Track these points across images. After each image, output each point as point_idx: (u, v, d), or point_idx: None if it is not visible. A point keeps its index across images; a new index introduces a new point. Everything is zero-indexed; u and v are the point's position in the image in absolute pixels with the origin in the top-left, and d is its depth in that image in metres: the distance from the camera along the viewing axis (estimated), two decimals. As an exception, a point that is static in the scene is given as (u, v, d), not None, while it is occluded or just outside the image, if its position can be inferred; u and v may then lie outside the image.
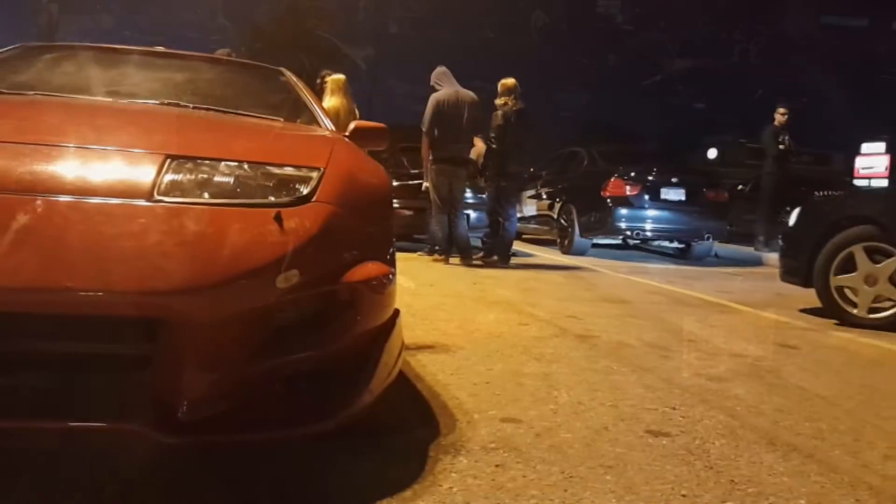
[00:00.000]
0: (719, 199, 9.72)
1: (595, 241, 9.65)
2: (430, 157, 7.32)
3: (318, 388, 1.77)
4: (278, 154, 2.02)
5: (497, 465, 1.85)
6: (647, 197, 9.18)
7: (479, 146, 8.17)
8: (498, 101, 7.57)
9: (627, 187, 9.14)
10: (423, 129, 7.24)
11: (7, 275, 1.41)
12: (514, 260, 7.81)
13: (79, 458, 1.72)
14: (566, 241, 9.59)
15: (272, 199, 1.77)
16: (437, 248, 7.56)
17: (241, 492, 1.65)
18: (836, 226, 4.81)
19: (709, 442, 2.19)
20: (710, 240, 9.61)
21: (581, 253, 9.40)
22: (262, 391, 1.69)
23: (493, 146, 7.47)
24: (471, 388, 2.55)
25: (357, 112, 6.87)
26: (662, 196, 9.24)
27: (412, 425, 2.13)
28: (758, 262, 9.96)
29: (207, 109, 2.79)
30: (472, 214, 8.84)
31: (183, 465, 1.74)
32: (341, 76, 7.00)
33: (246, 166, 1.85)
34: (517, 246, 8.61)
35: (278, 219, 1.68)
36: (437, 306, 4.39)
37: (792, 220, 5.30)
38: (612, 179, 9.17)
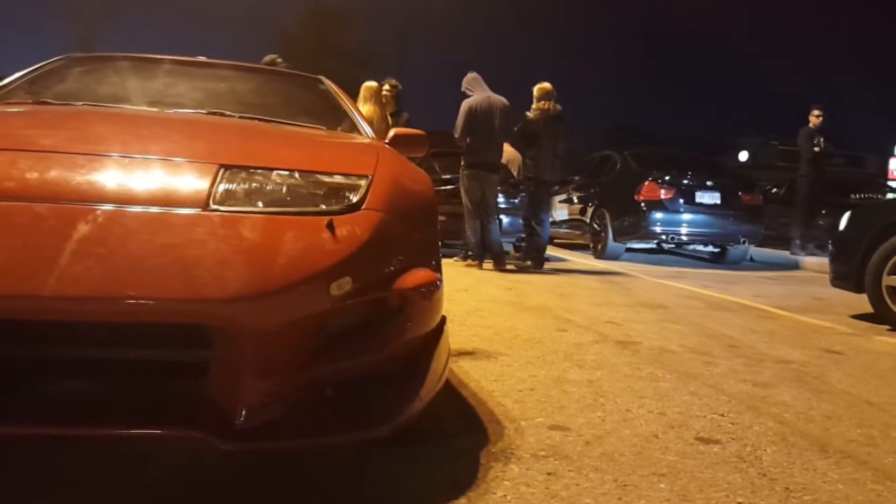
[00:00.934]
0: (755, 202, 9.60)
1: (629, 245, 9.58)
2: (462, 163, 7.33)
3: (369, 394, 1.77)
4: (327, 162, 2.03)
5: (549, 473, 1.84)
6: (681, 200, 9.10)
7: (510, 151, 8.17)
8: (535, 106, 7.54)
9: (662, 191, 9.07)
10: (456, 136, 7.25)
11: (70, 284, 1.43)
12: (547, 265, 7.78)
13: (131, 465, 1.74)
14: (599, 246, 9.54)
15: (323, 207, 1.78)
16: (470, 253, 7.56)
17: (292, 499, 1.66)
18: (889, 228, 4.73)
19: (760, 449, 2.16)
20: (746, 243, 9.50)
21: (614, 257, 9.34)
22: (316, 397, 1.70)
23: (531, 152, 7.42)
24: (515, 394, 2.54)
25: (389, 119, 6.90)
26: (697, 199, 9.16)
27: (460, 432, 2.13)
28: (794, 266, 9.83)
29: (252, 118, 2.82)
30: (505, 219, 8.83)
31: (233, 470, 1.75)
32: (374, 83, 7.04)
33: (297, 175, 1.86)
34: (549, 251, 8.57)
35: (330, 226, 1.69)
36: (473, 312, 4.39)
37: (842, 224, 5.23)
38: (646, 183, 9.11)
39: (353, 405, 1.74)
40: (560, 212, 10.98)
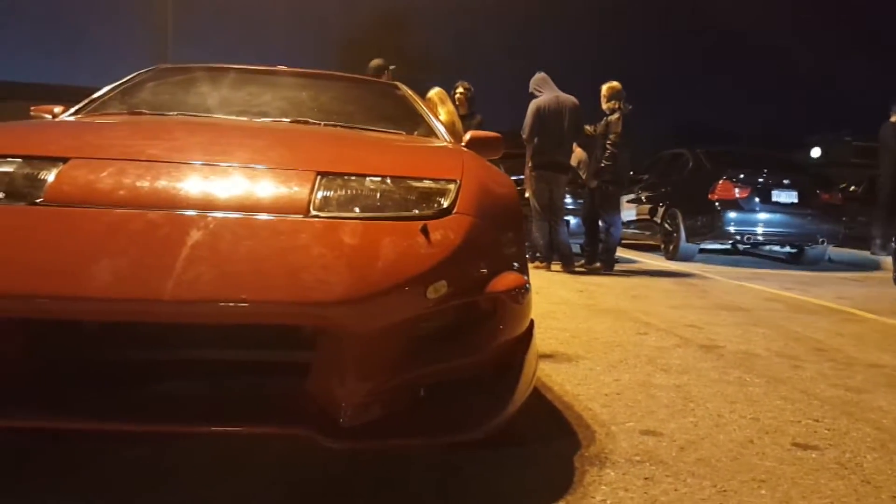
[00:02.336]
0: (833, 200, 9.30)
1: (702, 245, 9.39)
2: (530, 164, 7.29)
3: (464, 397, 1.79)
4: (416, 167, 2.05)
5: (646, 478, 1.83)
6: (757, 199, 8.88)
7: (578, 152, 8.10)
8: (607, 106, 7.45)
9: (737, 190, 8.86)
10: (524, 137, 7.22)
11: (187, 288, 1.49)
12: (617, 266, 7.68)
13: (236, 461, 1.79)
14: (671, 247, 9.38)
15: (416, 212, 1.81)
16: (538, 255, 7.53)
17: (386, 499, 1.68)
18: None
19: (860, 455, 2.10)
20: (825, 244, 9.20)
21: (687, 258, 9.17)
22: (412, 399, 1.72)
23: (615, 152, 7.32)
24: (602, 399, 2.52)
25: (459, 123, 6.90)
26: (773, 198, 8.92)
27: (550, 436, 2.12)
28: (874, 267, 9.48)
29: (336, 126, 2.88)
30: (573, 220, 8.77)
31: (327, 470, 1.78)
32: (440, 88, 7.04)
33: (388, 181, 1.89)
34: (617, 252, 8.46)
35: (425, 231, 1.72)
36: (547, 314, 4.37)
37: None
38: (721, 182, 8.91)
39: (449, 408, 1.76)
40: (627, 212, 10.83)
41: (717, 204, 8.89)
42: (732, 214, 8.84)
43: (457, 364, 1.76)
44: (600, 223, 7.64)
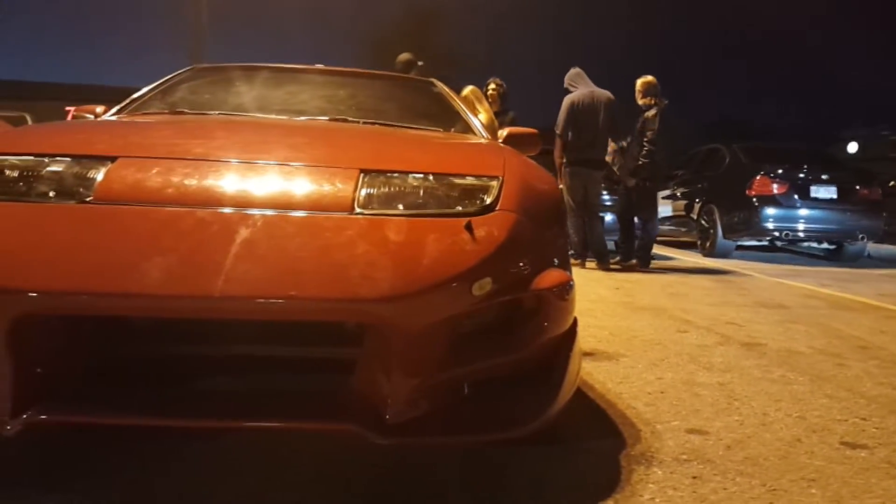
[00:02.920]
0: (873, 196, 9.11)
1: (739, 242, 9.26)
2: (564, 160, 7.24)
3: (510, 395, 1.78)
4: (458, 164, 2.05)
5: (694, 477, 1.80)
6: (795, 195, 8.73)
7: (614, 148, 8.02)
8: (643, 101, 7.38)
9: (775, 185, 8.72)
10: (557, 132, 7.16)
11: (237, 285, 1.50)
12: (653, 263, 7.61)
13: (285, 457, 1.80)
14: (708, 243, 9.27)
15: (459, 208, 1.80)
16: (572, 252, 7.47)
17: (437, 495, 1.68)
18: None
19: (912, 456, 2.06)
20: (865, 240, 9.03)
21: (724, 255, 9.05)
22: (458, 396, 1.72)
23: (651, 148, 7.25)
24: (645, 397, 2.50)
25: (495, 121, 6.88)
26: (812, 194, 8.77)
27: (595, 435, 2.11)
28: (917, 263, 9.29)
29: (374, 123, 2.88)
30: (608, 217, 8.70)
31: (377, 466, 1.79)
32: (473, 87, 7.03)
33: (431, 177, 1.89)
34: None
35: (469, 228, 1.71)
36: (584, 312, 4.34)
37: None
38: (758, 177, 8.78)
39: (495, 405, 1.75)
40: (663, 208, 10.72)
41: (754, 200, 8.76)
42: (770, 210, 8.71)
43: (502, 361, 1.75)
44: (636, 219, 7.57)
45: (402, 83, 3.89)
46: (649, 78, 7.46)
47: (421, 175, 1.89)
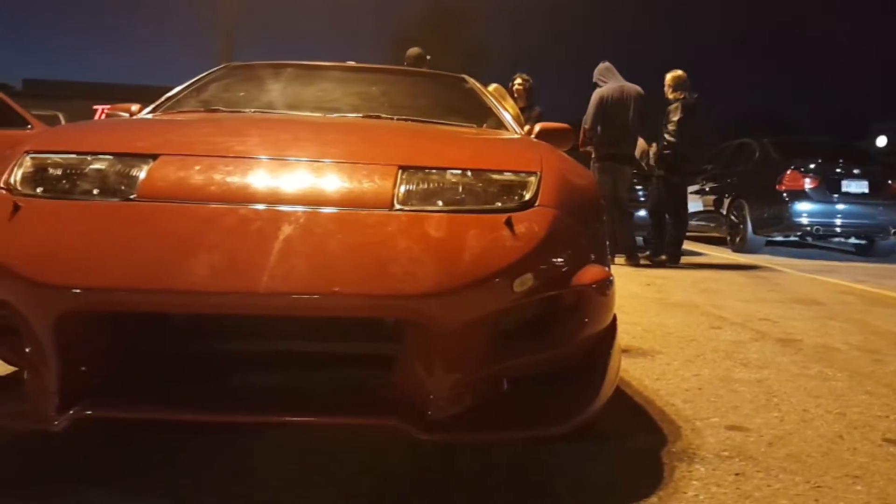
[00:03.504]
0: (906, 190, 8.95)
1: (769, 238, 9.15)
2: (594, 155, 7.18)
3: (551, 391, 1.78)
4: (495, 160, 2.04)
5: (737, 474, 1.79)
6: (827, 190, 8.61)
7: (640, 143, 7.96)
8: (673, 95, 7.31)
9: (806, 180, 8.61)
10: (586, 127, 7.11)
11: (281, 281, 1.51)
12: (682, 259, 7.53)
13: (328, 452, 1.81)
14: (737, 239, 9.17)
15: (498, 204, 1.80)
16: (603, 247, 7.41)
17: (479, 489, 1.68)
18: None
19: (957, 453, 2.02)
20: (897, 235, 8.88)
21: (754, 251, 8.95)
22: (499, 392, 1.72)
23: (672, 140, 7.19)
24: (683, 394, 2.48)
25: (521, 117, 6.86)
26: (844, 189, 8.64)
27: (634, 431, 2.10)
28: (950, 258, 9.12)
29: (407, 120, 2.88)
30: (638, 213, 8.63)
31: (417, 462, 1.79)
32: (497, 84, 7.01)
33: (469, 173, 1.88)
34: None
35: (509, 224, 1.71)
36: (617, 308, 4.23)
37: None
38: (789, 172, 8.66)
39: (537, 401, 1.75)
40: (692, 203, 10.61)
41: (785, 195, 8.65)
42: (801, 205, 8.60)
43: (542, 357, 1.75)
44: (666, 215, 7.50)
45: (434, 79, 3.88)
46: (679, 72, 7.38)
47: (459, 171, 1.88)
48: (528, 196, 1.82)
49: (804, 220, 8.59)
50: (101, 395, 1.62)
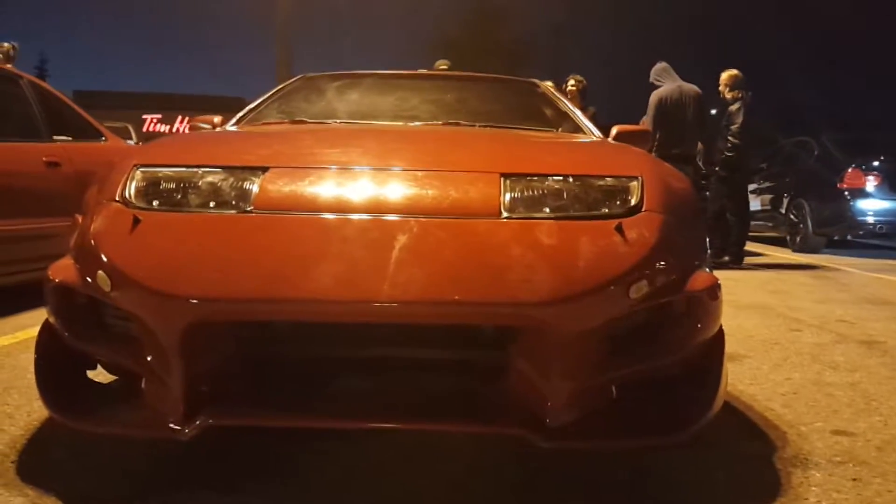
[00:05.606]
0: (973, 186, 8.68)
1: (831, 237, 8.96)
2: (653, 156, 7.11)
3: (666, 397, 1.78)
4: (594, 165, 2.04)
5: (854, 479, 1.77)
6: (890, 188, 8.40)
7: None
8: (730, 95, 7.21)
9: (868, 178, 8.42)
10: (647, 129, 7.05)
11: (402, 290, 1.54)
12: (744, 260, 7.42)
13: (414, 460, 1.84)
14: (798, 238, 9.00)
15: (606, 210, 1.80)
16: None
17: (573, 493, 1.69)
18: None
19: None
20: (966, 233, 8.63)
21: (815, 250, 8.77)
22: (612, 399, 1.73)
23: (736, 142, 7.09)
24: (780, 399, 2.46)
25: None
26: (907, 186, 8.42)
27: (741, 437, 2.08)
28: None
29: (486, 126, 2.89)
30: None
31: (510, 467, 1.81)
32: (550, 83, 7.02)
33: (571, 179, 1.88)
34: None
35: (620, 229, 1.70)
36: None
37: None
38: (850, 170, 8.48)
39: (652, 409, 1.75)
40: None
41: (846, 193, 8.47)
42: (863, 204, 8.41)
43: (656, 364, 1.74)
44: (728, 216, 7.39)
45: (506, 84, 3.89)
46: (735, 71, 7.29)
47: (560, 177, 1.88)
48: (633, 201, 1.81)
49: (867, 219, 8.40)
50: (223, 403, 1.66)
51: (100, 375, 1.95)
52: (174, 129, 28.22)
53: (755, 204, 10.17)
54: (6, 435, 1.97)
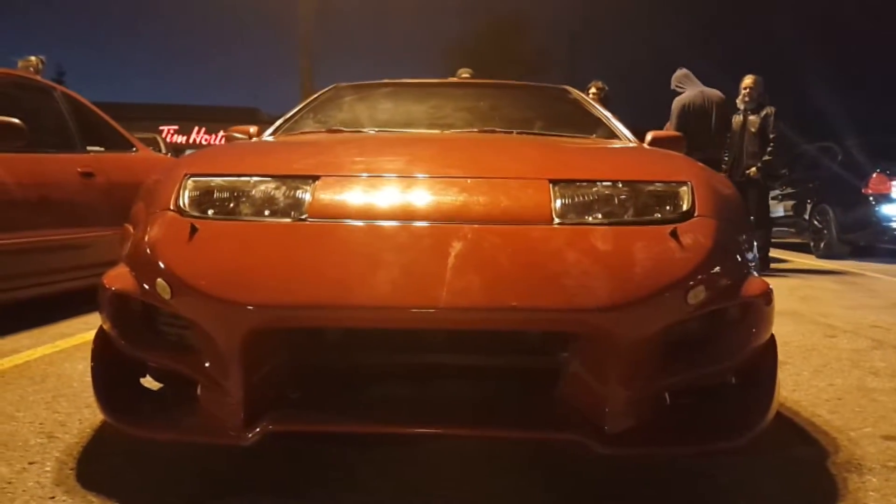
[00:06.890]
0: None
1: (857, 243, 8.88)
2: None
3: (721, 403, 1.78)
4: (642, 171, 2.04)
5: (912, 485, 1.76)
6: (916, 193, 8.32)
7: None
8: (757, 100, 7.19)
9: (893, 183, 8.35)
10: (671, 135, 7.03)
11: (460, 296, 1.54)
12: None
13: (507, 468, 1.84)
14: (822, 244, 8.93)
15: (658, 216, 1.80)
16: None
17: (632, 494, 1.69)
18: None
19: None
20: None
21: (839, 256, 8.70)
22: (666, 405, 1.73)
23: (773, 147, 7.07)
24: (825, 405, 2.44)
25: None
26: (934, 191, 8.34)
27: (792, 443, 2.08)
28: None
29: (523, 133, 2.91)
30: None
31: (575, 476, 1.81)
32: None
33: (619, 185, 1.88)
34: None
35: (675, 235, 1.70)
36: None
37: None
38: (875, 175, 8.41)
39: (707, 415, 1.75)
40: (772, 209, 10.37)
41: (871, 198, 8.40)
42: (889, 209, 8.33)
43: (713, 370, 1.74)
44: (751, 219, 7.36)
45: (538, 91, 3.90)
46: (756, 77, 7.28)
47: (609, 182, 1.88)
48: (685, 206, 1.81)
49: (893, 224, 8.32)
50: (282, 409, 1.68)
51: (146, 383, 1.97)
52: (191, 140, 28.49)
53: (778, 210, 10.12)
54: (61, 443, 2.00)
